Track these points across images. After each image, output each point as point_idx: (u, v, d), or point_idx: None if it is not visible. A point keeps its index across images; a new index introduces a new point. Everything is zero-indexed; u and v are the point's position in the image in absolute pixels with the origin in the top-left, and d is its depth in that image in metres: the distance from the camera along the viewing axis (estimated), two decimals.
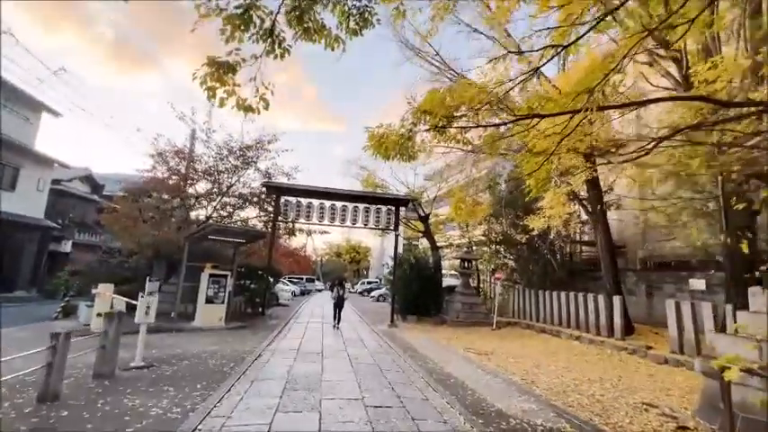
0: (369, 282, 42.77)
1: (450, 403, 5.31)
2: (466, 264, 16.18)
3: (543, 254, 15.49)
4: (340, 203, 15.31)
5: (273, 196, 15.32)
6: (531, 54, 3.75)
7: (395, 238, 16.03)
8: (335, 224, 15.43)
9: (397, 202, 15.99)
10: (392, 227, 15.69)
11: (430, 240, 19.27)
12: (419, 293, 15.26)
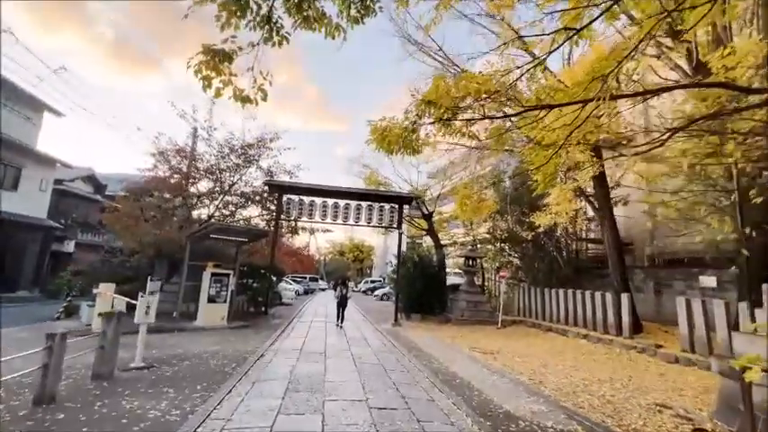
0: (372, 280, 42.63)
1: (456, 404, 5.16)
2: (470, 262, 16.02)
3: (549, 251, 15.29)
4: (343, 201, 15.17)
5: (276, 195, 15.20)
6: (542, 39, 3.58)
7: (398, 237, 15.88)
8: (338, 222, 15.28)
9: (401, 200, 15.83)
10: (395, 225, 15.53)
11: (434, 238, 19.10)
12: (423, 292, 15.10)
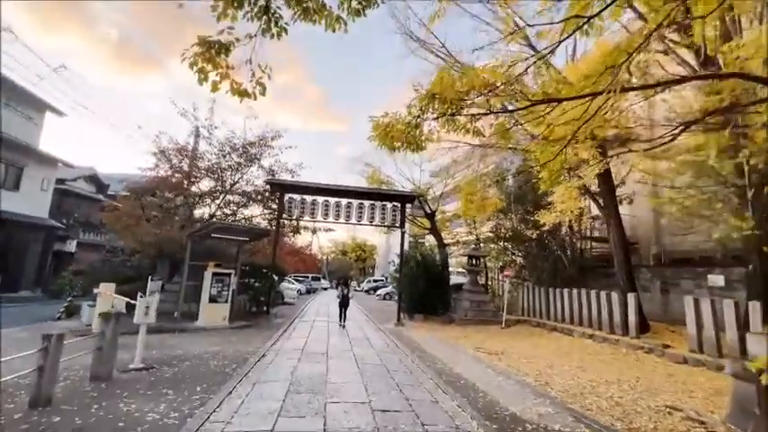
0: (375, 280, 42.52)
1: (461, 406, 5.04)
2: (474, 261, 15.88)
3: (553, 250, 15.13)
4: (345, 200, 15.06)
5: (277, 194, 15.11)
6: (551, 29, 3.44)
7: (401, 236, 15.76)
8: (340, 221, 15.17)
9: (403, 199, 15.71)
10: (398, 224, 15.42)
11: (437, 237, 18.96)
12: (426, 291, 14.97)
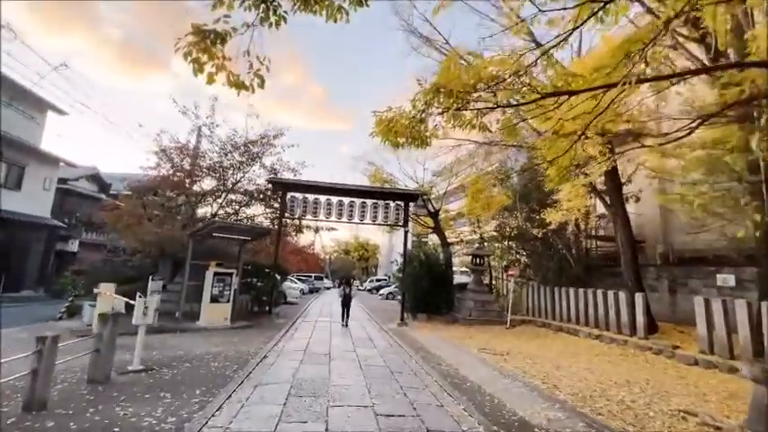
0: (377, 279, 42.42)
1: (467, 410, 4.89)
2: (478, 260, 15.70)
3: (558, 249, 14.93)
4: (347, 199, 14.92)
5: (279, 192, 14.99)
6: (563, 16, 3.28)
7: (404, 235, 15.60)
8: (343, 220, 15.03)
9: (407, 198, 15.56)
10: (401, 223, 15.27)
11: (440, 236, 18.80)
12: (429, 291, 14.81)
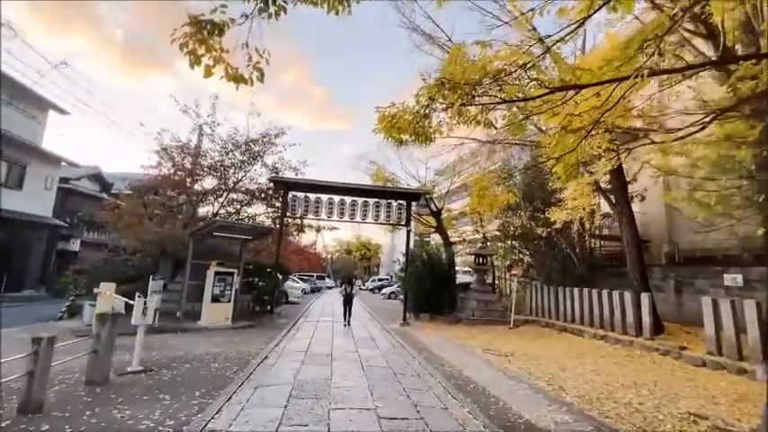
0: (379, 279, 42.35)
1: (472, 413, 4.78)
2: (481, 260, 15.58)
3: (562, 249, 14.79)
4: (349, 198, 14.81)
5: (281, 191, 14.90)
6: (574, 3, 3.16)
7: (407, 234, 15.49)
8: (345, 220, 14.93)
9: (409, 197, 15.44)
10: (403, 222, 15.16)
11: (443, 236, 18.69)
12: (432, 291, 14.69)
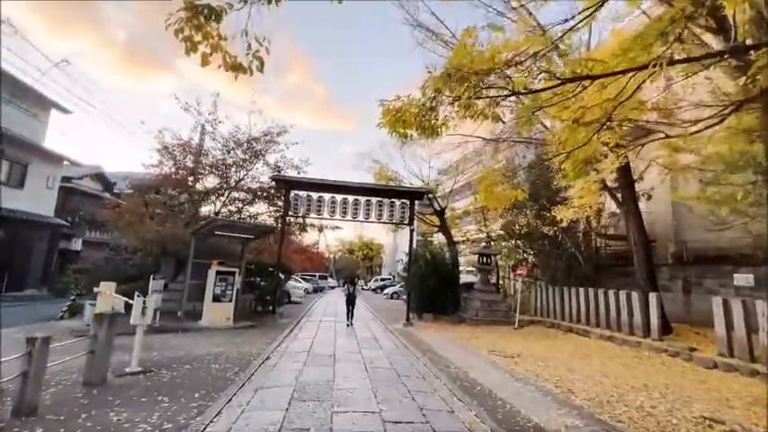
0: (382, 279, 42.24)
1: (479, 417, 4.63)
2: (485, 259, 15.41)
3: (567, 248, 14.60)
4: (352, 197, 14.67)
5: (283, 190, 14.77)
6: None
7: (410, 233, 15.35)
8: (347, 219, 14.79)
9: (412, 196, 15.28)
10: (406, 221, 15.02)
11: (446, 235, 18.53)
12: (435, 290, 14.54)
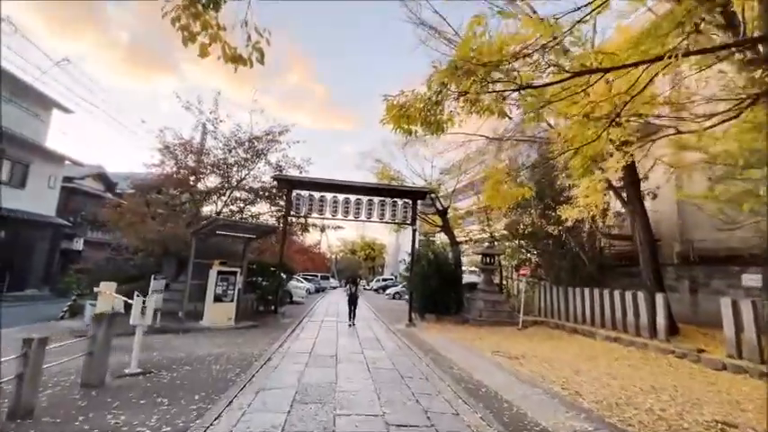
0: (384, 279, 42.13)
1: (485, 420, 4.52)
2: (488, 259, 15.28)
3: (571, 248, 14.45)
4: (354, 197, 14.58)
5: (285, 190, 14.69)
6: None
7: (412, 233, 15.24)
8: (350, 218, 14.70)
9: (415, 195, 15.17)
10: (409, 221, 14.91)
11: (449, 235, 18.40)
12: (438, 290, 14.41)
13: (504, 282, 18.46)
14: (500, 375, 6.77)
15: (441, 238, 22.44)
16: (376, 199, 14.66)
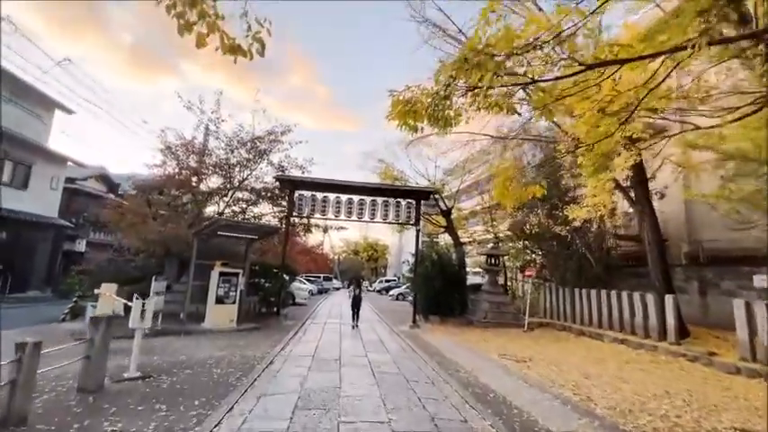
0: (387, 280, 41.97)
1: (494, 427, 4.36)
2: (492, 260, 15.09)
3: (577, 248, 14.26)
4: (357, 197, 14.43)
5: (287, 190, 14.56)
6: None
7: (416, 234, 15.06)
8: (352, 219, 14.54)
9: (418, 195, 15.01)
10: (412, 221, 14.74)
11: (453, 236, 18.22)
12: (442, 292, 14.22)
13: (508, 283, 18.27)
14: (507, 379, 6.60)
15: (444, 239, 22.29)
16: (379, 199, 14.51)
